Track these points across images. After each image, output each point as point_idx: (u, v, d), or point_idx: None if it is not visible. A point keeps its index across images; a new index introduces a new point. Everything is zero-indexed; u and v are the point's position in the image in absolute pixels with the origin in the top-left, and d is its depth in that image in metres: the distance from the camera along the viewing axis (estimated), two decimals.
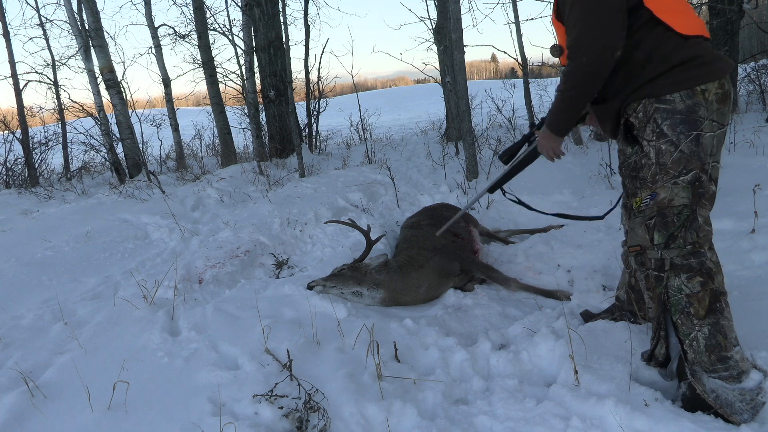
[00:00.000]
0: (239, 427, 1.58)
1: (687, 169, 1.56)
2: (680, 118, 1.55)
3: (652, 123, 1.58)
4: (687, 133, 1.55)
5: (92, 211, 5.17)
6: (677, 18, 1.55)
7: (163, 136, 9.29)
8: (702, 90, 1.54)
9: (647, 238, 1.63)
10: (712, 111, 1.56)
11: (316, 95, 8.86)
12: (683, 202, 1.57)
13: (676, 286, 1.58)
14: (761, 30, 8.93)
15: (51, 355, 2.25)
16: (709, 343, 1.53)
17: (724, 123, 1.60)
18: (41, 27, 9.34)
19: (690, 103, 1.54)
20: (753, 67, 7.84)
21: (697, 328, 1.54)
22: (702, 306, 1.55)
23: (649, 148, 1.60)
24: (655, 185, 1.60)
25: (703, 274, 1.56)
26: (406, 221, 3.40)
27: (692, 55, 1.54)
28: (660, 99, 1.56)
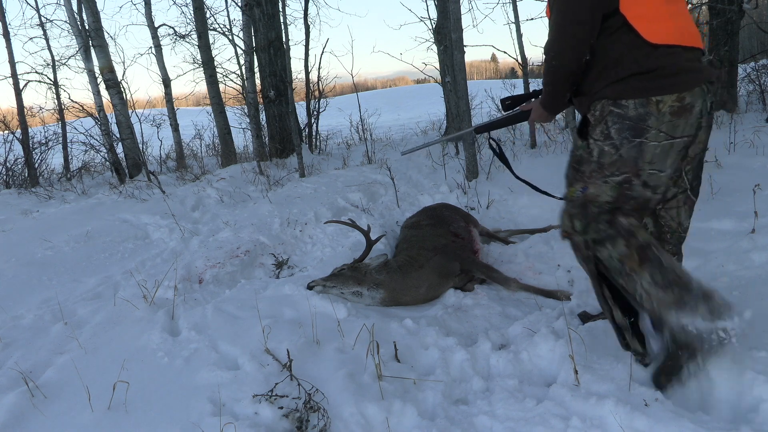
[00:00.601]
0: (239, 427, 1.58)
1: (620, 171, 1.64)
2: (628, 125, 1.61)
3: (603, 124, 1.65)
4: (630, 140, 1.61)
5: (92, 211, 5.17)
6: (652, 26, 1.58)
7: (163, 136, 9.29)
8: (657, 101, 1.58)
9: (570, 225, 1.74)
10: (662, 122, 1.59)
11: (316, 95, 8.87)
12: (607, 199, 1.67)
13: (607, 256, 1.66)
14: (761, 30, 8.93)
15: (51, 355, 2.25)
16: (661, 282, 1.56)
17: (675, 135, 1.61)
18: (41, 27, 9.35)
19: (642, 111, 1.59)
20: (753, 67, 7.83)
21: (639, 279, 1.60)
22: (634, 260, 1.62)
23: (594, 146, 1.68)
24: (590, 180, 1.69)
25: (623, 236, 1.64)
26: (406, 221, 3.40)
27: (656, 66, 1.57)
28: (616, 103, 1.62)
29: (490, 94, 8.44)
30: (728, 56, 6.27)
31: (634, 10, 1.58)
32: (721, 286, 2.05)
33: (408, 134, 10.64)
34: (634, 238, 1.63)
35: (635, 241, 1.63)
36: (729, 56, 6.28)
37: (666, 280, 1.56)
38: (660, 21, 1.59)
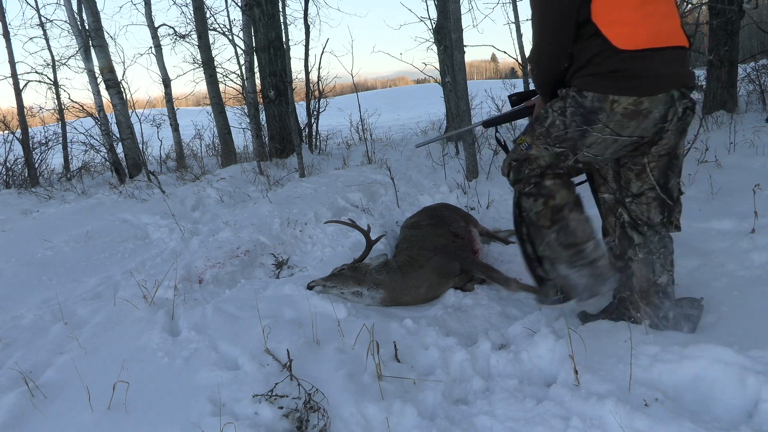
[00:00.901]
0: (239, 427, 1.58)
1: (561, 145, 1.86)
2: (582, 112, 1.78)
3: (563, 101, 1.84)
4: (579, 125, 1.80)
5: (92, 211, 5.17)
6: (621, 32, 1.68)
7: (163, 136, 9.29)
8: (612, 100, 1.72)
9: (506, 171, 2.02)
10: (611, 120, 1.75)
11: (316, 95, 8.86)
12: (542, 163, 1.92)
13: (527, 207, 1.96)
14: (761, 30, 8.93)
15: (51, 355, 2.25)
16: (563, 242, 1.91)
17: (622, 134, 1.76)
18: (41, 27, 9.35)
19: (596, 106, 1.75)
20: (753, 67, 7.84)
21: (547, 234, 1.93)
22: (546, 218, 1.92)
23: (550, 115, 1.88)
24: (537, 140, 1.92)
25: (543, 195, 1.92)
26: (406, 221, 3.40)
27: (616, 68, 1.70)
28: (579, 92, 1.79)
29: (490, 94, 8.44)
30: (728, 56, 6.27)
31: (605, 18, 1.69)
32: (721, 286, 2.05)
33: (408, 134, 10.64)
34: (551, 199, 1.92)
35: (552, 202, 1.91)
36: (729, 56, 6.28)
37: (567, 242, 1.90)
38: (629, 26, 1.68)
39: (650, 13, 1.70)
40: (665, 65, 1.70)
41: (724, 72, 6.34)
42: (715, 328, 1.79)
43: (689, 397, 1.57)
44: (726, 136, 4.46)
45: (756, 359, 1.56)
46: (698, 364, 1.61)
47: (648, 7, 1.69)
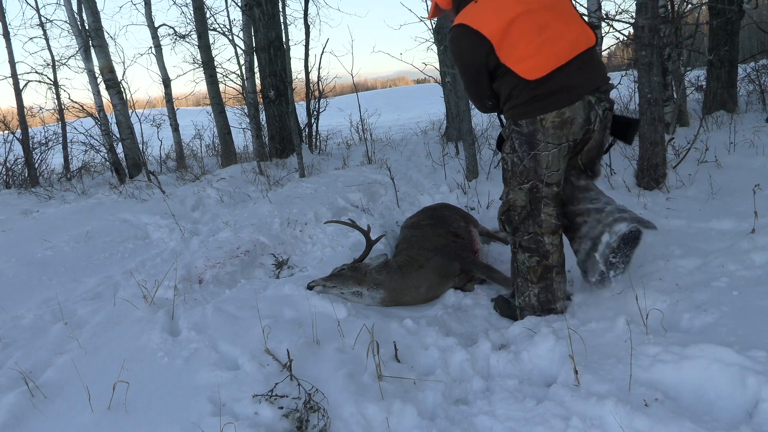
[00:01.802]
0: (239, 427, 1.58)
1: (527, 179, 2.11)
2: (525, 139, 2.07)
3: (510, 140, 2.13)
4: (528, 152, 2.07)
5: (92, 211, 5.17)
6: (527, 64, 1.97)
7: (163, 136, 9.29)
8: (540, 119, 2.02)
9: (501, 227, 2.24)
10: (548, 135, 2.03)
11: (316, 95, 8.86)
12: (522, 203, 2.14)
13: (521, 260, 2.20)
14: (761, 30, 8.93)
15: (51, 355, 2.25)
16: (540, 299, 2.19)
17: (560, 143, 2.05)
18: (41, 27, 9.36)
19: (531, 129, 2.04)
20: (753, 67, 7.84)
21: (531, 289, 2.19)
22: (535, 275, 2.18)
23: (507, 158, 2.16)
24: (509, 187, 2.18)
25: (539, 254, 2.15)
26: (406, 221, 3.40)
27: (533, 96, 2.00)
28: (516, 123, 2.08)
29: None
30: (728, 56, 6.27)
31: (511, 58, 1.99)
32: (721, 286, 2.04)
33: (408, 134, 10.64)
34: (545, 260, 2.16)
35: (544, 262, 2.16)
36: (729, 56, 6.28)
37: (544, 299, 2.19)
38: (533, 58, 1.97)
39: (548, 39, 1.97)
40: (571, 78, 1.98)
41: (724, 72, 6.34)
42: (715, 328, 1.79)
43: (689, 397, 1.56)
44: (726, 136, 4.46)
45: (756, 359, 1.55)
46: (698, 364, 1.60)
47: (544, 34, 1.97)
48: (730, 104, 6.35)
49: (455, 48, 2.13)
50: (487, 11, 2.03)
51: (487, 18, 2.01)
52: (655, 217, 3.05)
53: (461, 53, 2.11)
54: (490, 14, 2.01)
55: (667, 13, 5.36)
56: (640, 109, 3.67)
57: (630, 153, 4.25)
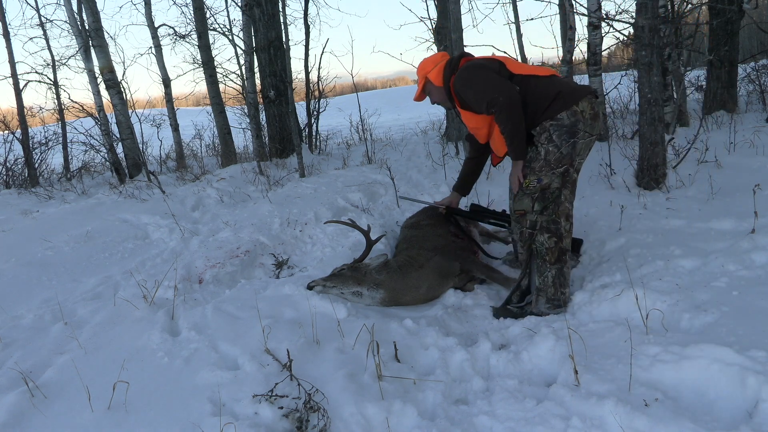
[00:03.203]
0: (239, 427, 1.58)
1: (561, 164, 2.35)
2: (566, 129, 2.33)
3: (546, 132, 2.35)
4: (568, 140, 2.33)
5: (92, 211, 5.17)
6: (535, 70, 2.44)
7: (163, 136, 9.28)
8: (580, 111, 2.33)
9: (531, 206, 2.41)
10: (587, 125, 2.35)
11: (316, 95, 8.86)
12: (556, 186, 2.38)
13: (540, 241, 2.40)
14: (761, 30, 8.93)
15: (51, 355, 2.25)
16: (555, 280, 2.38)
17: (593, 133, 2.38)
18: (41, 27, 9.34)
19: (573, 120, 2.32)
20: (753, 67, 7.84)
21: (549, 269, 2.39)
22: (553, 256, 2.39)
23: (542, 149, 2.36)
24: (541, 173, 2.36)
25: (557, 236, 2.38)
26: (406, 221, 3.40)
27: (557, 91, 2.34)
28: (554, 118, 2.34)
29: None
30: (728, 56, 6.27)
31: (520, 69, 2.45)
32: (721, 286, 2.05)
33: (408, 134, 10.63)
34: (562, 242, 2.39)
35: (561, 244, 2.39)
36: (729, 56, 6.28)
37: (558, 282, 2.38)
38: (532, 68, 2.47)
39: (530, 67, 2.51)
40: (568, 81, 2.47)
41: (724, 72, 6.34)
42: (715, 328, 1.79)
43: (689, 397, 1.57)
44: (726, 136, 4.46)
45: (756, 359, 1.55)
46: (698, 364, 1.61)
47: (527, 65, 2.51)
48: (730, 104, 6.35)
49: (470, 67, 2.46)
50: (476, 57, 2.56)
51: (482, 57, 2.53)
52: (655, 217, 3.05)
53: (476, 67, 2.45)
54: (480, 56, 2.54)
55: (667, 13, 5.36)
56: (640, 109, 3.67)
57: (630, 153, 4.25)
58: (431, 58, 2.75)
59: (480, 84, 2.40)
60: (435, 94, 2.70)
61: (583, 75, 8.06)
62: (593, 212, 3.41)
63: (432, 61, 2.72)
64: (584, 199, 3.73)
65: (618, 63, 16.45)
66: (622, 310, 2.07)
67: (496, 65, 2.43)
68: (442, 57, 2.71)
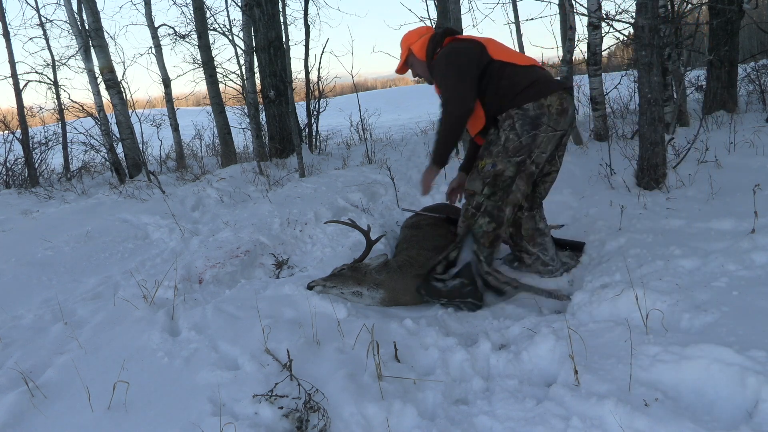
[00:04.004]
0: (239, 427, 1.58)
1: (519, 154, 2.37)
2: (529, 120, 2.35)
3: (510, 119, 2.38)
4: (530, 131, 2.35)
5: (92, 211, 5.16)
6: (515, 58, 2.44)
7: (163, 136, 9.28)
8: (547, 105, 2.35)
9: (480, 189, 2.45)
10: (552, 120, 2.36)
11: (316, 95, 8.86)
12: (510, 174, 2.41)
13: (480, 223, 2.48)
14: (761, 30, 8.94)
15: (51, 355, 2.25)
16: (487, 260, 2.51)
17: (557, 129, 2.39)
18: (41, 27, 9.35)
19: (538, 112, 2.35)
20: (753, 67, 7.84)
21: (482, 251, 2.49)
22: (488, 240, 2.49)
23: (503, 134, 2.40)
24: (497, 159, 2.40)
25: (497, 222, 2.47)
26: (406, 221, 3.40)
27: (531, 81, 2.37)
28: (521, 107, 2.36)
29: None
30: (728, 56, 6.27)
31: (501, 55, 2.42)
32: (721, 286, 2.05)
33: (408, 134, 10.64)
34: (499, 228, 2.48)
35: (498, 230, 2.48)
36: (729, 56, 6.28)
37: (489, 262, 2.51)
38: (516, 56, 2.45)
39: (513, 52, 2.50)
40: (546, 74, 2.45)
41: (724, 72, 6.34)
42: (715, 328, 1.79)
43: (689, 397, 1.56)
44: (726, 136, 4.46)
45: (756, 359, 1.55)
46: (698, 364, 1.60)
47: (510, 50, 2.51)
48: (730, 104, 6.35)
49: (452, 52, 2.44)
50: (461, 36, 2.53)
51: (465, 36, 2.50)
52: (655, 217, 3.05)
53: (458, 53, 2.43)
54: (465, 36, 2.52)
55: (667, 13, 5.36)
56: (640, 109, 3.67)
57: (630, 153, 4.25)
58: (416, 30, 2.74)
59: (448, 78, 2.42)
60: (417, 66, 2.70)
61: (583, 75, 8.07)
62: (593, 212, 3.41)
63: (417, 33, 2.71)
64: (584, 199, 3.73)
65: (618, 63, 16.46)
66: (622, 310, 2.07)
67: (477, 50, 2.42)
68: (427, 30, 2.71)
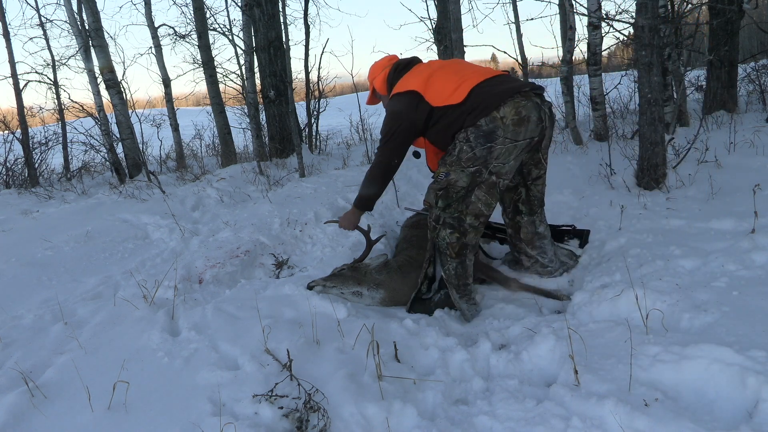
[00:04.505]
0: (239, 427, 1.58)
1: (473, 164, 2.32)
2: (482, 134, 2.29)
3: (465, 133, 2.33)
4: (483, 144, 2.30)
5: (92, 211, 5.16)
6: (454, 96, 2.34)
7: (163, 136, 9.28)
8: (501, 117, 2.27)
9: (434, 200, 2.43)
10: (508, 131, 2.28)
11: (316, 95, 8.86)
12: (463, 185, 2.36)
13: (442, 236, 2.44)
14: (761, 30, 8.94)
15: (51, 355, 2.25)
16: (457, 272, 2.45)
17: (518, 139, 2.31)
18: (41, 27, 9.34)
19: (492, 126, 2.28)
20: (753, 67, 7.84)
21: (450, 262, 2.44)
22: (454, 251, 2.43)
23: (458, 145, 2.35)
24: (450, 168, 2.36)
25: (460, 232, 2.40)
26: (407, 221, 3.40)
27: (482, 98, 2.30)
28: (474, 125, 2.30)
29: None
30: (728, 56, 6.27)
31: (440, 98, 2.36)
32: (721, 286, 2.05)
33: None
34: (465, 237, 2.41)
35: (464, 239, 2.41)
36: (729, 56, 6.28)
37: (460, 273, 2.46)
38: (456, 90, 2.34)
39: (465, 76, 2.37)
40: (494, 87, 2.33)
41: (724, 72, 6.34)
42: (715, 328, 1.79)
43: (689, 397, 1.57)
44: (726, 136, 4.46)
45: (756, 359, 1.55)
46: (698, 364, 1.61)
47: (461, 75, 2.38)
48: (730, 104, 6.35)
49: (392, 111, 2.44)
50: (410, 78, 2.46)
51: (411, 81, 2.43)
52: (655, 217, 3.05)
53: (397, 113, 2.43)
54: (413, 78, 2.44)
55: (667, 13, 5.36)
56: (640, 109, 3.67)
57: (630, 153, 4.25)
58: (379, 63, 2.73)
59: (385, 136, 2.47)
60: (383, 99, 2.73)
61: (583, 75, 8.07)
62: (593, 212, 3.41)
63: (379, 67, 2.70)
64: (584, 199, 3.73)
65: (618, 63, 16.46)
66: (622, 310, 2.07)
67: (413, 106, 2.40)
68: (389, 61, 2.69)
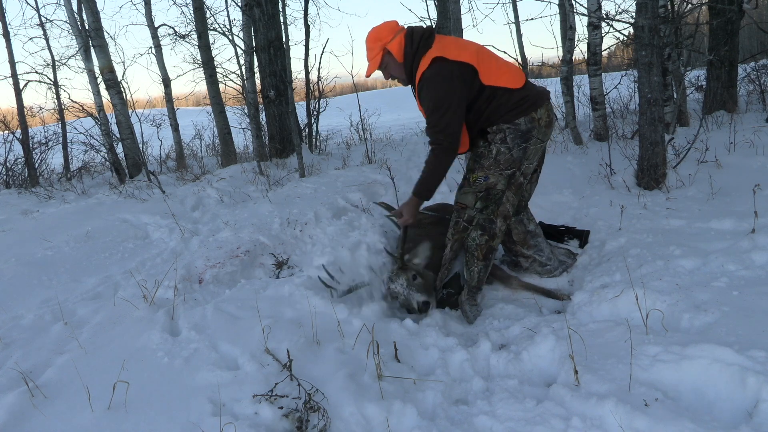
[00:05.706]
0: (239, 427, 1.58)
1: (510, 167, 2.41)
2: (520, 134, 2.36)
3: (502, 133, 2.37)
4: (521, 144, 2.37)
5: (92, 211, 5.16)
6: (507, 79, 2.35)
7: (163, 136, 9.28)
8: (537, 118, 2.37)
9: (473, 203, 2.49)
10: (540, 132, 2.39)
11: (316, 95, 8.86)
12: (501, 187, 2.45)
13: (473, 237, 2.51)
14: (761, 30, 8.94)
15: (51, 355, 2.24)
16: (479, 275, 2.54)
17: (544, 140, 2.44)
18: (41, 27, 9.34)
19: (530, 126, 2.36)
20: (753, 67, 7.84)
21: (477, 264, 2.52)
22: (482, 252, 2.50)
23: (494, 147, 2.40)
24: (489, 172, 2.42)
25: (489, 234, 2.49)
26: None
27: (521, 97, 2.35)
28: (512, 122, 2.35)
29: None
30: (728, 56, 6.27)
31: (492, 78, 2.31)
32: (721, 286, 2.05)
33: (408, 134, 10.64)
34: (493, 241, 2.50)
35: (492, 243, 2.50)
36: (729, 56, 6.28)
37: (482, 276, 2.55)
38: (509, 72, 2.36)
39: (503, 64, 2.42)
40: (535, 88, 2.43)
41: (724, 72, 6.34)
42: (715, 328, 1.79)
43: (689, 397, 1.57)
44: (726, 136, 4.46)
45: (756, 359, 1.56)
46: (698, 364, 1.61)
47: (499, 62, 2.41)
48: (730, 104, 6.35)
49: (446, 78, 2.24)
50: (451, 48, 2.29)
51: (457, 52, 2.28)
52: (655, 217, 3.05)
53: (451, 81, 2.24)
54: (456, 49, 2.29)
55: (667, 13, 5.36)
56: (640, 109, 3.67)
57: (630, 153, 4.25)
58: (385, 26, 2.41)
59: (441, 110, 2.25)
60: (394, 68, 2.43)
61: (583, 75, 8.07)
62: (593, 212, 3.41)
63: (389, 30, 2.39)
64: (584, 199, 3.73)
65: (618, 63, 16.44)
66: (622, 310, 2.07)
67: (469, 77, 2.25)
68: (398, 25, 2.41)
